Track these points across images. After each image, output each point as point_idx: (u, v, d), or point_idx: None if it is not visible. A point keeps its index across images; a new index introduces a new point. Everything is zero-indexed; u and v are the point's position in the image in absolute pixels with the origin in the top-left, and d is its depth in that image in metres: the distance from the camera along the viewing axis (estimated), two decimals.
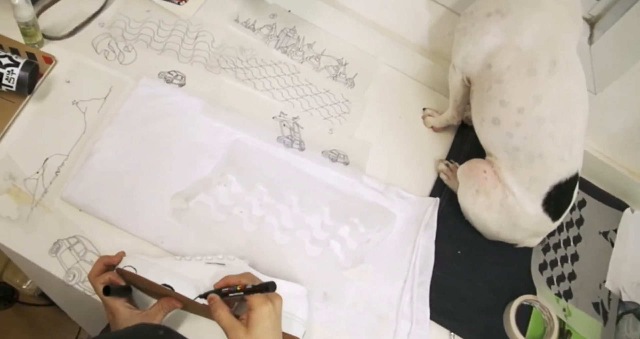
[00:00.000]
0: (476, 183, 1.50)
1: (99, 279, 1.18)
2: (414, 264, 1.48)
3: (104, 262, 1.21)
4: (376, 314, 1.41)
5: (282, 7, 1.82)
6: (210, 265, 1.23)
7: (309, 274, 1.40)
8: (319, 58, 1.77)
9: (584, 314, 1.57)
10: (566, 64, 1.35)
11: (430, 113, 1.76)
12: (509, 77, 1.37)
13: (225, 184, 1.45)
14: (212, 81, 1.62)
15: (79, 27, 1.59)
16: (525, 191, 1.44)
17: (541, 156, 1.39)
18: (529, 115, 1.36)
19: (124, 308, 1.16)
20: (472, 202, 1.52)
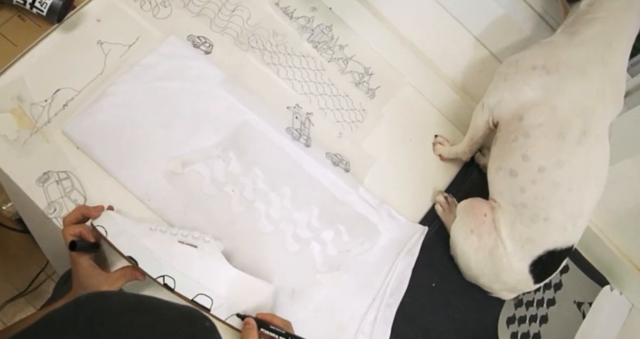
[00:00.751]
0: (473, 223, 1.55)
1: (71, 228, 1.22)
2: (387, 284, 1.52)
3: (82, 212, 1.25)
4: (336, 324, 1.46)
5: (324, 3, 1.88)
6: (182, 244, 1.26)
7: (282, 267, 1.45)
8: (347, 61, 1.82)
9: None
10: (596, 137, 1.40)
11: (441, 141, 1.81)
12: (538, 135, 1.42)
13: (225, 159, 1.50)
14: (237, 56, 1.67)
15: None
16: (518, 248, 1.49)
17: (546, 220, 1.44)
18: (548, 177, 1.42)
19: (86, 264, 1.20)
20: (464, 239, 1.57)
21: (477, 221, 1.55)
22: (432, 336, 1.56)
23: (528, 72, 1.45)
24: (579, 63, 1.39)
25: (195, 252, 1.25)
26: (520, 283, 1.55)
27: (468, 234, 1.56)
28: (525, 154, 1.44)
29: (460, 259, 1.61)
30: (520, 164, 1.46)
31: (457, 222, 1.60)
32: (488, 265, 1.54)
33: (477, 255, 1.55)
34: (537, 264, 1.50)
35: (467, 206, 1.60)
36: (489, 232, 1.53)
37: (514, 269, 1.51)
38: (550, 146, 1.42)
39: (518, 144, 1.46)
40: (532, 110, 1.44)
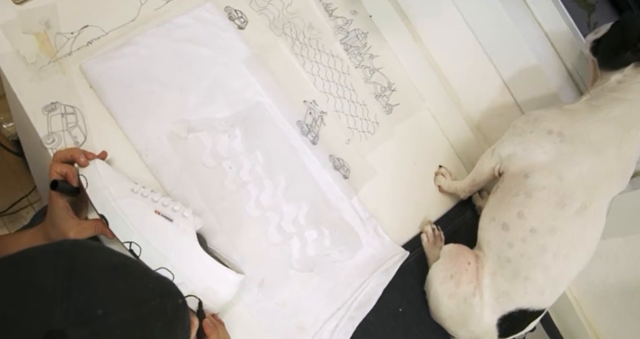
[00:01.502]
0: (455, 269, 1.59)
1: (59, 166, 1.27)
2: (355, 298, 1.56)
3: (73, 154, 1.29)
4: (297, 324, 1.49)
5: (366, 9, 1.93)
6: (157, 215, 1.28)
7: (258, 255, 1.49)
8: (373, 72, 1.88)
9: None
10: (594, 212, 1.46)
11: (444, 173, 1.86)
12: (539, 197, 1.47)
13: (230, 135, 1.54)
14: (268, 39, 1.72)
15: None
16: (494, 299, 1.54)
17: (526, 279, 1.49)
18: (538, 239, 1.47)
19: (62, 205, 1.25)
20: (441, 283, 1.60)
21: (460, 268, 1.59)
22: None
23: (544, 134, 1.50)
24: (595, 140, 1.44)
25: (170, 226, 1.28)
26: (485, 334, 1.58)
27: (447, 279, 1.60)
28: (521, 212, 1.49)
29: (432, 299, 1.64)
30: (514, 220, 1.51)
31: (439, 264, 1.64)
32: (459, 312, 1.58)
33: (450, 300, 1.59)
34: (507, 319, 1.54)
35: (453, 251, 1.64)
36: (469, 280, 1.57)
37: (484, 319, 1.55)
38: (548, 211, 1.46)
39: (517, 200, 1.51)
40: (539, 172, 1.49)
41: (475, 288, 1.56)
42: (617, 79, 1.46)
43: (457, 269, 1.59)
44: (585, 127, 1.45)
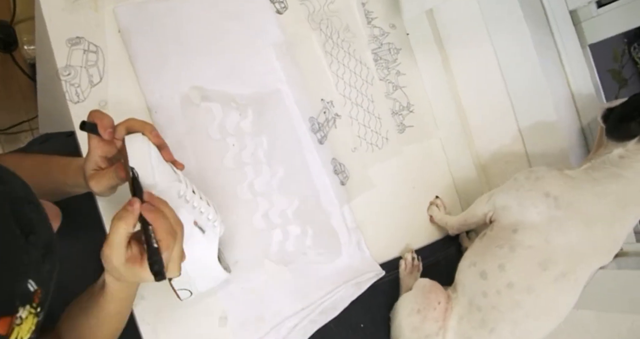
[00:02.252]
0: (424, 305, 1.59)
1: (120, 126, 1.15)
2: (321, 302, 1.56)
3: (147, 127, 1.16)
4: (258, 313, 1.50)
5: (405, 26, 1.95)
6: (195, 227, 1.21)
7: (237, 236, 1.49)
8: (396, 88, 1.89)
9: None
10: (574, 281, 1.46)
11: (439, 204, 1.88)
12: (523, 255, 1.49)
13: (241, 114, 1.55)
14: (303, 30, 1.74)
15: None
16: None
17: (492, 331, 1.50)
18: (513, 295, 1.47)
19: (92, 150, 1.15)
20: (407, 315, 1.61)
21: (429, 305, 1.59)
22: None
23: (540, 196, 1.51)
24: (588, 212, 1.45)
25: (201, 238, 1.23)
26: None
27: (414, 312, 1.60)
28: (502, 265, 1.50)
29: (396, 327, 1.65)
30: (494, 270, 1.52)
31: (409, 296, 1.65)
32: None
33: (412, 334, 1.59)
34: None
35: (426, 287, 1.64)
36: (435, 319, 1.57)
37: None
38: (529, 270, 1.47)
39: (501, 252, 1.52)
40: (528, 230, 1.50)
41: (440, 328, 1.56)
42: (620, 153, 1.47)
43: (426, 305, 1.59)
44: (582, 198, 1.47)
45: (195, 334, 1.43)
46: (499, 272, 1.50)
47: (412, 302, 1.63)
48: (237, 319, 1.47)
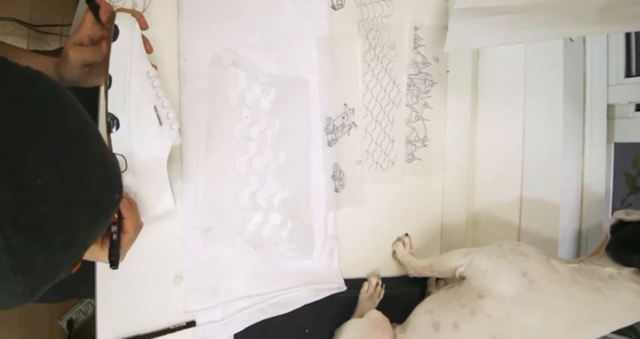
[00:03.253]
0: (369, 336, 1.59)
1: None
2: (276, 296, 1.57)
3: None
4: (213, 284, 1.51)
5: (448, 63, 1.97)
6: (153, 112, 1.26)
7: (219, 205, 1.51)
8: (418, 119, 1.91)
9: None
10: None
11: (405, 242, 1.87)
12: (480, 321, 1.49)
13: (264, 91, 1.57)
14: (350, 33, 1.75)
15: None
16: None
17: None
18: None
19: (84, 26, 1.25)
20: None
21: (373, 338, 1.60)
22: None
23: (518, 272, 1.50)
24: (556, 307, 1.44)
25: (155, 127, 1.27)
26: None
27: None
28: (457, 323, 1.51)
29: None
30: (447, 326, 1.52)
31: (358, 323, 1.65)
32: None
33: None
34: None
35: (376, 320, 1.65)
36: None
37: None
38: (480, 338, 1.48)
39: (462, 311, 1.52)
40: (493, 301, 1.50)
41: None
42: (611, 273, 1.46)
43: (371, 337, 1.59)
44: (556, 292, 1.46)
45: (147, 285, 1.44)
46: (452, 329, 1.51)
47: (358, 330, 1.62)
48: (192, 283, 1.48)
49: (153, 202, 1.31)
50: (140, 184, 1.27)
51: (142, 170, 1.27)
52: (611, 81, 1.80)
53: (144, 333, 1.43)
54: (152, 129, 1.26)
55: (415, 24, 1.89)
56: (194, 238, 1.47)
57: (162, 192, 1.33)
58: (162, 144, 1.28)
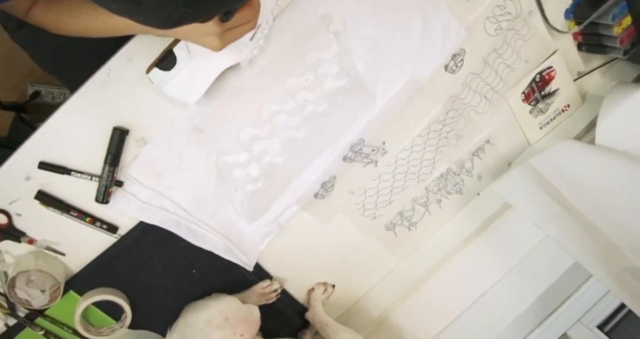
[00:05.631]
0: (235, 322, 1.63)
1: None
2: (198, 223, 1.65)
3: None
4: (163, 173, 1.57)
5: (484, 189, 2.06)
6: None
7: (222, 123, 1.57)
8: (424, 205, 1.98)
9: None
10: None
11: (327, 291, 1.95)
12: None
13: (338, 73, 1.62)
14: (438, 98, 1.81)
15: None
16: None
17: None
18: None
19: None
20: (218, 310, 1.65)
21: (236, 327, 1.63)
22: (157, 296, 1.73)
23: None
24: None
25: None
26: None
27: (223, 316, 1.64)
28: None
29: (198, 304, 1.70)
30: None
31: (235, 302, 1.69)
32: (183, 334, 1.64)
33: (197, 325, 1.63)
34: None
35: (252, 315, 1.69)
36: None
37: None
38: None
39: None
40: None
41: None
42: None
43: (235, 325, 1.63)
44: None
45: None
46: None
47: (231, 309, 1.67)
48: (148, 154, 1.54)
49: (184, 87, 1.39)
50: (188, 64, 1.35)
51: (198, 57, 1.35)
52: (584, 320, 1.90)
53: (72, 169, 1.48)
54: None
55: (490, 138, 1.97)
56: (183, 125, 1.53)
57: (196, 88, 1.39)
58: (219, 63, 1.36)
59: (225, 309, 1.65)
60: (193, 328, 1.62)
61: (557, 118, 2.04)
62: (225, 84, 1.51)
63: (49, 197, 1.48)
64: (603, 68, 2.04)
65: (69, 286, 1.59)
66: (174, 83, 1.37)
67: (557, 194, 1.81)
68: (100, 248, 1.60)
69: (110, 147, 1.46)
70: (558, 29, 1.86)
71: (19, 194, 1.46)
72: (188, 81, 1.37)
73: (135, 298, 1.69)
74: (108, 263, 1.61)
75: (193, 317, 1.65)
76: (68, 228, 1.53)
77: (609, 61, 2.01)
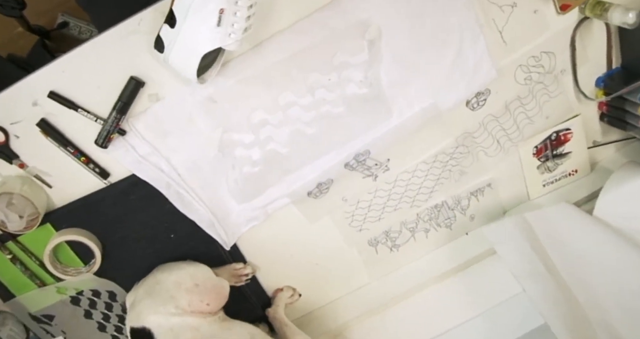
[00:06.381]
0: (205, 291, 1.61)
1: None
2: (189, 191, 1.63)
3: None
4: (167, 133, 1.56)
5: (474, 229, 2.04)
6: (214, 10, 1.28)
7: (236, 101, 1.55)
8: (412, 231, 1.95)
9: None
10: None
11: (294, 296, 1.94)
12: None
13: (362, 82, 1.60)
14: (451, 131, 1.79)
15: None
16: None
17: None
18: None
19: None
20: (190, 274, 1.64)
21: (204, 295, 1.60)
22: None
23: None
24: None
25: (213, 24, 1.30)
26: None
27: (193, 281, 1.61)
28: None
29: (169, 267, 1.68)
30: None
31: (208, 272, 1.68)
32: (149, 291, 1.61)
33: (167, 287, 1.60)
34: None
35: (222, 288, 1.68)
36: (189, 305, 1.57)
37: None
38: None
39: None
40: None
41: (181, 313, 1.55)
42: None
43: (205, 294, 1.61)
44: None
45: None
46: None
47: (204, 276, 1.66)
48: (156, 113, 1.52)
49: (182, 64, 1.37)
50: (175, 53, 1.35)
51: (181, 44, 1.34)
52: None
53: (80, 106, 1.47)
54: (206, 26, 1.30)
55: (492, 182, 1.94)
56: (199, 92, 1.51)
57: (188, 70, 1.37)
58: (206, 40, 1.32)
59: (198, 275, 1.64)
60: (162, 286, 1.59)
61: (562, 180, 2.01)
62: (248, 64, 1.49)
63: (51, 128, 1.46)
64: (619, 143, 2.01)
65: (47, 218, 1.57)
66: (172, 64, 1.39)
67: (543, 253, 1.78)
68: (87, 190, 1.58)
69: (122, 95, 1.44)
70: (586, 94, 1.83)
71: (23, 117, 1.44)
72: (182, 63, 1.37)
73: (108, 247, 1.67)
74: (91, 206, 1.59)
75: (164, 276, 1.63)
76: (61, 162, 1.52)
77: (626, 138, 1.98)
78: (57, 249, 1.64)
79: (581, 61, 1.78)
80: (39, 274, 1.68)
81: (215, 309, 1.62)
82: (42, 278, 1.68)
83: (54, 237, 1.58)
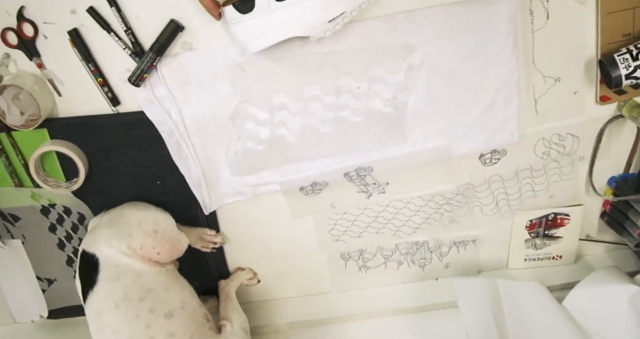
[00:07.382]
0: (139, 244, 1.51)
1: None
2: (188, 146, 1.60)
3: None
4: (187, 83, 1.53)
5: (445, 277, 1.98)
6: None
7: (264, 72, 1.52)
8: (387, 259, 1.91)
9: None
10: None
11: (252, 280, 1.90)
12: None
13: (389, 101, 1.56)
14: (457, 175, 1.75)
15: None
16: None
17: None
18: None
19: None
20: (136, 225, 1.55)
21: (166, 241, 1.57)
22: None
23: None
24: None
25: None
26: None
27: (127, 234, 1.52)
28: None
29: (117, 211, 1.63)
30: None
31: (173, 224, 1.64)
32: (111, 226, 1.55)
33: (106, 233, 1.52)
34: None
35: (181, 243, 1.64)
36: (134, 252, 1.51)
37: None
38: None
39: None
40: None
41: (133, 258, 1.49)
42: None
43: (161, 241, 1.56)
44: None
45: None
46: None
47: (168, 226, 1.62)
48: (184, 62, 1.50)
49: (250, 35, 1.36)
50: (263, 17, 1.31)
51: (275, 15, 1.31)
52: None
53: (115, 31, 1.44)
54: (318, 16, 1.30)
55: (477, 240, 1.90)
56: (232, 56, 1.49)
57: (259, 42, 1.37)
58: (308, 27, 1.32)
59: (160, 222, 1.59)
60: (124, 220, 1.55)
61: (544, 260, 1.96)
62: (288, 47, 1.45)
63: (80, 40, 1.43)
64: (610, 245, 1.96)
65: (46, 124, 1.54)
66: (242, 27, 1.34)
67: (502, 323, 1.73)
68: (94, 111, 1.55)
69: (160, 36, 1.41)
70: (595, 188, 1.79)
71: (57, 20, 1.41)
72: (255, 32, 1.34)
73: (94, 172, 1.64)
74: (91, 128, 1.56)
75: (130, 211, 1.59)
76: (78, 76, 1.49)
77: (618, 242, 1.93)
78: (45, 157, 1.61)
79: (602, 155, 1.74)
80: (19, 174, 1.64)
81: (165, 261, 1.56)
82: (21, 178, 1.65)
83: (46, 144, 1.55)
